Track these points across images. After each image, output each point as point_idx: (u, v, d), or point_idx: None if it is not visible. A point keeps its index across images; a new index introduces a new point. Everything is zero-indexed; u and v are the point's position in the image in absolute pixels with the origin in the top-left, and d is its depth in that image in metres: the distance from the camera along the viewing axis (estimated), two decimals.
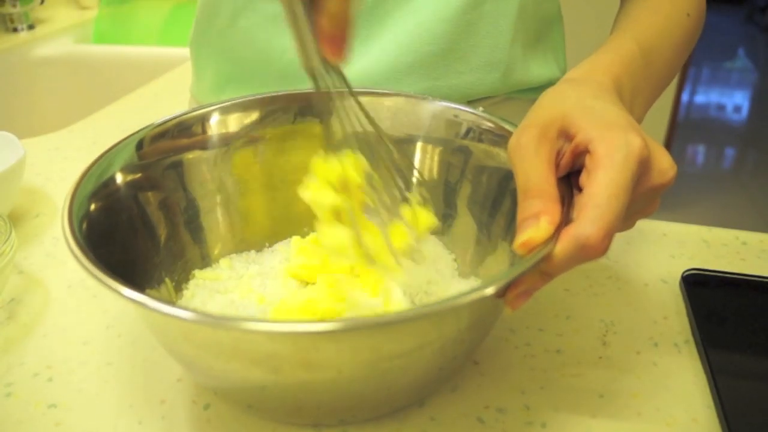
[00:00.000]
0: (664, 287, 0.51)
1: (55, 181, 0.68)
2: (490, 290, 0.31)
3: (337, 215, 0.39)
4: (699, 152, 2.68)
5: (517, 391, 0.41)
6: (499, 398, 0.40)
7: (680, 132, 2.61)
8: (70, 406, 0.40)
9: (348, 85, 0.37)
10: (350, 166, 0.39)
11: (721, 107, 3.12)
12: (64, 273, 0.53)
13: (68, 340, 0.46)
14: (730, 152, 2.72)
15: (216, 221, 0.49)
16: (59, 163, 0.72)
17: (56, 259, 0.55)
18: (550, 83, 0.56)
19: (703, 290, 0.49)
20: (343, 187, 0.39)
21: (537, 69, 0.63)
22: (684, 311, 0.48)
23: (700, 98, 3.24)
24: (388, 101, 0.50)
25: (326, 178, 0.39)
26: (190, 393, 0.41)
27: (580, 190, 0.35)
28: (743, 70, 3.67)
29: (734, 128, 2.94)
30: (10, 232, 0.47)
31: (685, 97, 3.12)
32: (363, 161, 0.39)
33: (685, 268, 0.51)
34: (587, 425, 0.39)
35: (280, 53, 0.60)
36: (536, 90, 0.62)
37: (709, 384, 0.41)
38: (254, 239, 0.51)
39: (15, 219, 0.60)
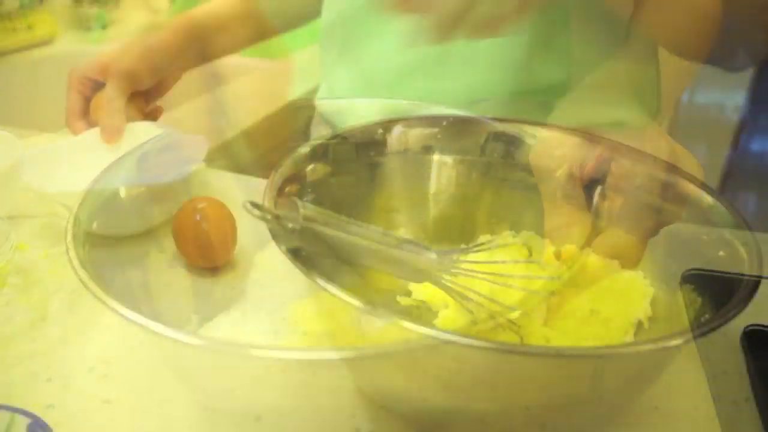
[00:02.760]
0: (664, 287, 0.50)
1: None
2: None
3: None
4: (699, 152, 2.67)
5: None
6: None
7: (680, 132, 2.60)
8: (69, 408, 0.40)
9: None
10: None
11: (721, 107, 3.12)
12: (64, 273, 0.52)
13: (67, 341, 0.46)
14: None
15: None
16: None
17: (56, 259, 0.54)
18: (556, 85, 0.55)
19: (703, 290, 0.48)
20: None
21: (541, 70, 0.62)
22: (684, 311, 0.48)
23: (700, 98, 3.23)
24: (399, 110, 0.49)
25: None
26: (196, 396, 0.41)
27: (608, 198, 0.35)
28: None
29: (734, 128, 2.93)
30: (10, 232, 0.47)
31: (685, 97, 3.11)
32: None
33: (685, 268, 0.51)
34: (587, 426, 0.39)
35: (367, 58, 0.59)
36: (540, 92, 0.62)
37: (709, 383, 0.41)
38: None
39: (15, 219, 0.60)
